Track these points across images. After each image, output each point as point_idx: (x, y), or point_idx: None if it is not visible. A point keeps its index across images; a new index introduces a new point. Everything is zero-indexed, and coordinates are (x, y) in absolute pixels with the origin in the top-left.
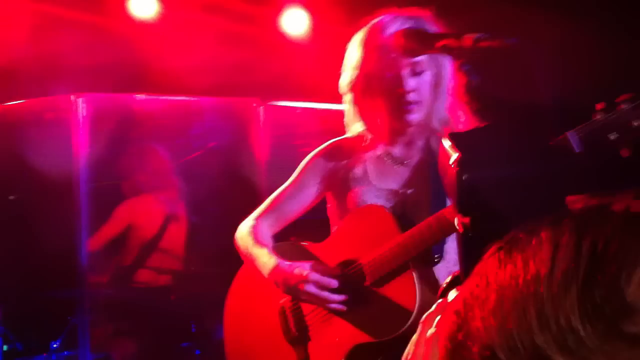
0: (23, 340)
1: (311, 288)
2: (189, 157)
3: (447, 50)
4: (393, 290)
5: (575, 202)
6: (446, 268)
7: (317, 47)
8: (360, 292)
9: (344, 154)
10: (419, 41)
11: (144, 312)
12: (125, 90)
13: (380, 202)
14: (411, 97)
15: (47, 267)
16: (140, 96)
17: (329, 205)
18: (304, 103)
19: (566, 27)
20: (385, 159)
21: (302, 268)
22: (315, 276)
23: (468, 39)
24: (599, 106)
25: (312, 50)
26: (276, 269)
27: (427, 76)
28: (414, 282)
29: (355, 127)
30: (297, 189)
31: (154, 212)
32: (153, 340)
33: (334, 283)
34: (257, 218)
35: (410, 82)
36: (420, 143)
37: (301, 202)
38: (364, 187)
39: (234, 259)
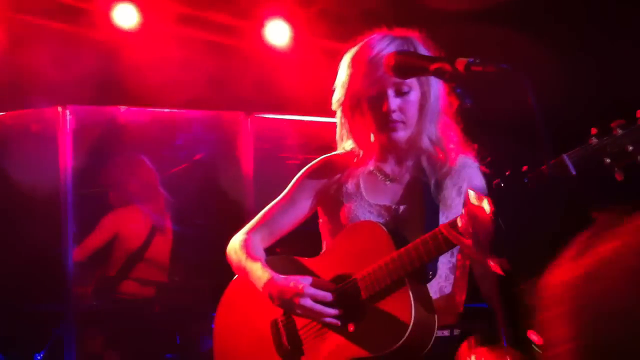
0: (6, 352)
1: (306, 302)
2: (174, 170)
3: (439, 73)
4: (388, 306)
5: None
6: (438, 283)
7: (301, 60)
8: (355, 306)
9: (336, 170)
10: (411, 64)
11: (128, 324)
12: (110, 103)
13: (372, 217)
14: (395, 116)
15: (32, 279)
16: (126, 108)
17: (320, 221)
18: (289, 115)
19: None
20: (377, 174)
21: (297, 282)
22: (311, 290)
23: (460, 63)
24: (593, 131)
25: (296, 62)
26: (270, 282)
27: (414, 96)
28: (410, 298)
29: (346, 143)
30: (289, 203)
31: (140, 223)
32: (138, 351)
33: (329, 297)
34: (249, 232)
35: (394, 102)
36: (410, 161)
37: (293, 216)
38: (356, 202)
39: (219, 271)
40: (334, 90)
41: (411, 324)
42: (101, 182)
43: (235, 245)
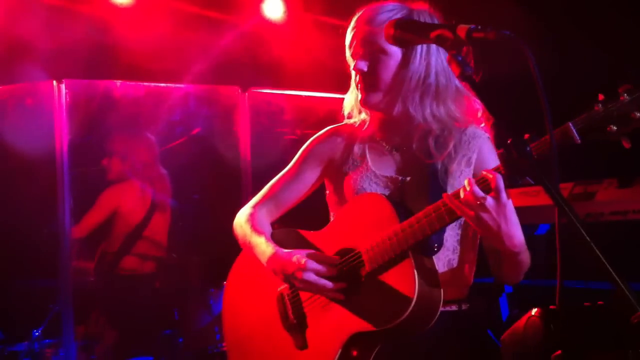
0: (4, 328)
1: (310, 276)
2: (172, 144)
3: (440, 40)
4: (392, 279)
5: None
6: (445, 256)
7: (298, 34)
8: (358, 280)
9: (342, 139)
10: (412, 31)
11: (126, 300)
12: (105, 77)
13: (378, 189)
14: (358, 78)
15: (29, 255)
16: (122, 82)
17: (327, 192)
18: (286, 90)
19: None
20: (384, 144)
21: (301, 256)
22: (313, 264)
23: (462, 30)
24: (600, 96)
25: (293, 37)
26: (274, 256)
27: (389, 60)
28: (413, 271)
29: (354, 112)
30: (295, 175)
31: (139, 199)
32: (136, 327)
33: (332, 271)
34: (255, 205)
35: (358, 63)
36: (416, 132)
37: (300, 188)
38: (362, 172)
39: (216, 246)
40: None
41: (415, 297)
42: (101, 156)
43: (241, 219)
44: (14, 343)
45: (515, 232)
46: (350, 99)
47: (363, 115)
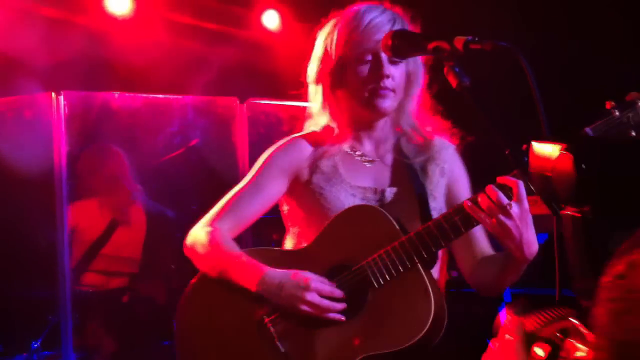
0: (3, 340)
1: (313, 297)
2: (170, 155)
3: (438, 52)
4: (403, 294)
5: None
6: (437, 268)
7: (295, 45)
8: (362, 298)
9: (307, 150)
10: (409, 42)
11: (124, 311)
12: (103, 89)
13: (356, 200)
14: (387, 82)
15: (27, 266)
16: (120, 93)
17: (286, 208)
18: (284, 101)
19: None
20: (354, 155)
21: (301, 275)
22: (317, 283)
23: (459, 42)
24: (609, 104)
25: (290, 47)
26: (268, 277)
27: (403, 67)
28: (427, 285)
29: (321, 120)
30: (256, 188)
31: (98, 216)
32: (135, 338)
33: (338, 292)
34: (214, 222)
35: (389, 68)
36: (389, 142)
37: (261, 202)
38: (336, 185)
39: None
40: (310, 64)
41: (432, 312)
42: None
43: (200, 238)
44: (13, 355)
45: (534, 240)
46: (320, 105)
47: (327, 123)
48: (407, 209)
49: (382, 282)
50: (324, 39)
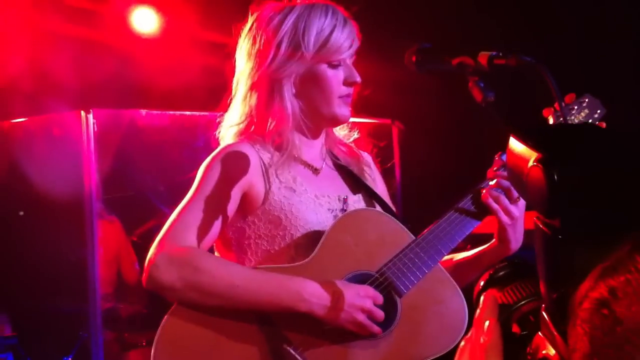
0: (34, 355)
1: (372, 306)
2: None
3: (462, 68)
4: (433, 296)
5: None
6: None
7: None
8: (392, 306)
9: (254, 157)
10: (433, 58)
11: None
12: (130, 106)
13: (323, 210)
14: (352, 89)
15: (59, 282)
16: (147, 111)
17: (237, 225)
18: None
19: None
20: (303, 164)
21: (354, 284)
22: (372, 291)
23: (483, 57)
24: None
25: None
26: (316, 288)
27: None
28: (453, 284)
29: (241, 124)
30: (215, 199)
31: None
32: None
33: (380, 298)
34: (188, 241)
35: (357, 76)
36: (323, 150)
37: (222, 219)
38: (301, 194)
39: None
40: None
41: (466, 308)
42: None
43: (185, 261)
44: None
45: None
46: (251, 109)
47: (273, 131)
48: None
49: (409, 287)
50: (274, 32)
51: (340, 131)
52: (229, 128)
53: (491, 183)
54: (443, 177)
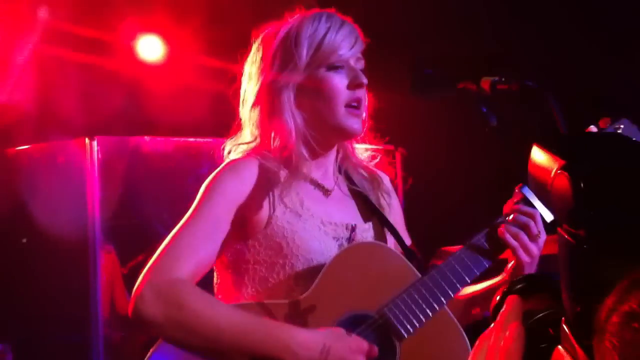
0: None
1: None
2: None
3: (464, 93)
4: (436, 340)
5: None
6: None
7: None
8: (390, 352)
9: (260, 176)
10: (436, 82)
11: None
12: (135, 133)
13: (328, 239)
14: (361, 93)
15: (61, 311)
16: (150, 138)
17: (235, 248)
18: None
19: None
20: (313, 185)
21: (348, 335)
22: (365, 344)
23: (486, 82)
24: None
25: None
26: (304, 339)
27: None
28: (459, 328)
29: (263, 143)
30: (214, 222)
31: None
32: None
33: (375, 350)
34: (169, 272)
35: (364, 77)
36: (335, 170)
37: (221, 244)
38: (307, 221)
39: None
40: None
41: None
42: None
43: (170, 298)
44: None
45: None
46: (258, 127)
47: (280, 147)
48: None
49: (411, 331)
50: (277, 47)
51: (362, 154)
52: (235, 146)
53: (509, 218)
54: (447, 203)
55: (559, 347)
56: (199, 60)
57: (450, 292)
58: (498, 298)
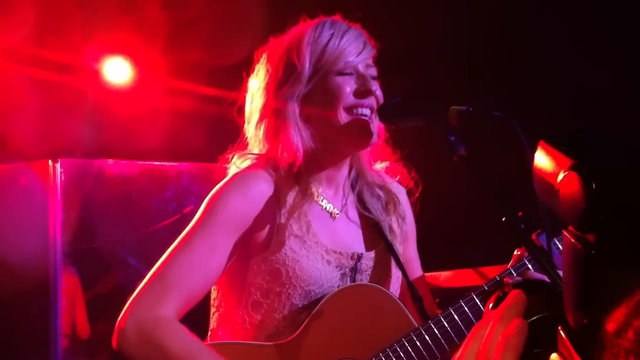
0: None
1: None
2: (165, 222)
3: (433, 121)
4: None
5: None
6: None
7: None
8: None
9: (268, 193)
10: (404, 110)
11: None
12: (101, 156)
13: (330, 269)
14: (372, 101)
15: (20, 334)
16: (114, 161)
17: (235, 265)
18: None
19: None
20: (321, 205)
21: None
22: None
23: (453, 112)
24: None
25: None
26: None
27: (379, 92)
28: None
29: (271, 157)
30: (209, 247)
31: None
32: None
33: None
34: (157, 306)
35: (374, 84)
36: (348, 189)
37: (217, 266)
38: (312, 248)
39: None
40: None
41: None
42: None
43: (156, 339)
44: None
45: None
46: (265, 142)
47: (288, 162)
48: (383, 276)
49: None
50: (273, 60)
51: (379, 169)
52: (243, 157)
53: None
54: (439, 234)
55: (555, 354)
56: (165, 83)
57: (447, 347)
58: (502, 291)
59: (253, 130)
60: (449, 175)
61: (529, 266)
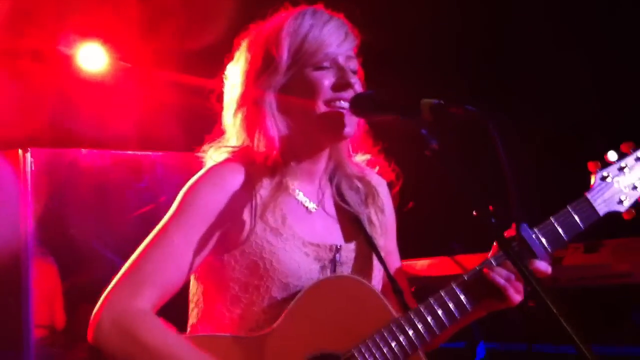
0: None
1: None
2: (140, 211)
3: (405, 114)
4: None
5: None
6: None
7: None
8: None
9: (242, 185)
10: (376, 103)
11: None
12: (72, 145)
13: (308, 260)
14: (346, 94)
15: None
16: (87, 150)
17: (210, 267)
18: None
19: None
20: (298, 198)
21: None
22: None
23: (426, 105)
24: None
25: None
26: None
27: (358, 85)
28: None
29: (259, 144)
30: (185, 239)
31: None
32: None
33: None
34: (133, 299)
35: (353, 77)
36: (326, 182)
37: (193, 258)
38: (288, 240)
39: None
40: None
41: None
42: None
43: (132, 332)
44: None
45: None
46: (242, 132)
47: (266, 154)
48: (362, 268)
49: None
50: (267, 43)
51: (359, 161)
52: (219, 150)
53: (498, 262)
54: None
55: None
56: (141, 72)
57: (426, 337)
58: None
59: (231, 119)
60: (429, 165)
61: None
